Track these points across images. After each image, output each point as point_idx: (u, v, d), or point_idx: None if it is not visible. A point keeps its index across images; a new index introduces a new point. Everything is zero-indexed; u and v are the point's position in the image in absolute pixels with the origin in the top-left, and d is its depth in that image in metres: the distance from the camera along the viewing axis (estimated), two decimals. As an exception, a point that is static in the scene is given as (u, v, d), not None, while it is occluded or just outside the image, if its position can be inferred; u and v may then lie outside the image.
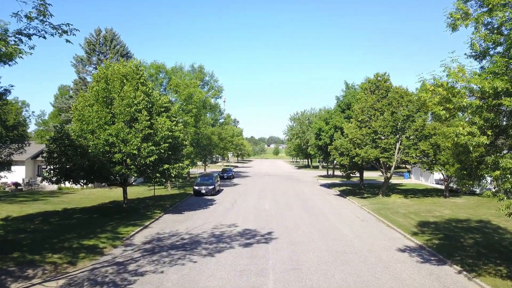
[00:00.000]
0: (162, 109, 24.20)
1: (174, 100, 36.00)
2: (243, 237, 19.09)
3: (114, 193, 34.82)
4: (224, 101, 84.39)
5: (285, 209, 27.74)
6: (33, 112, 55.73)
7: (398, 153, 31.94)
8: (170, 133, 23.13)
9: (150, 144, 22.39)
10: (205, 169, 60.94)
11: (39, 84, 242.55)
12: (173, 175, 24.18)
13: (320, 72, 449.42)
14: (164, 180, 24.09)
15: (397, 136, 31.68)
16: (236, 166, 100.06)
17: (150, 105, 23.65)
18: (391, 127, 30.96)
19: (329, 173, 62.81)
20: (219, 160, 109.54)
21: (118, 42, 39.75)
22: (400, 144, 31.44)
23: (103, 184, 32.90)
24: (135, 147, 21.85)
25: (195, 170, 65.04)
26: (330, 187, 44.56)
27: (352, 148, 31.23)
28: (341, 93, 40.78)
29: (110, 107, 23.04)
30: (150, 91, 23.93)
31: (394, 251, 17.17)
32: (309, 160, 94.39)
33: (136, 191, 36.58)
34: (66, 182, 22.94)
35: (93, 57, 39.17)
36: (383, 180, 53.53)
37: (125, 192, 25.39)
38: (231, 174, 55.34)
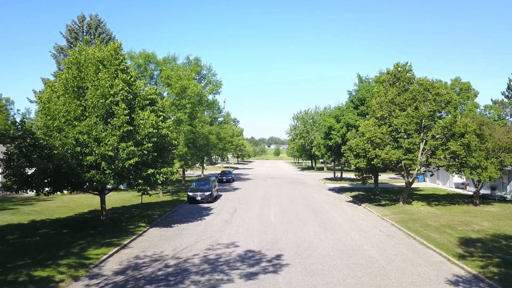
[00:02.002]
0: (147, 102, 19.96)
1: (166, 94, 31.71)
2: (245, 263, 14.85)
3: (98, 200, 30.45)
4: (224, 101, 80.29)
5: (294, 221, 23.47)
6: (18, 110, 51.49)
7: (422, 154, 27.70)
8: (155, 131, 18.89)
9: (130, 143, 18.16)
10: (202, 172, 56.67)
11: (24, 80, 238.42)
12: (160, 182, 19.93)
13: (320, 73, 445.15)
14: (148, 188, 19.85)
15: (421, 134, 27.44)
16: (236, 168, 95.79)
17: (132, 96, 19.43)
18: (415, 124, 26.72)
19: (336, 176, 58.53)
20: (218, 161, 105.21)
21: (104, 30, 35.53)
22: (425, 144, 27.17)
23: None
24: (111, 147, 17.61)
25: (191, 173, 60.69)
26: (340, 191, 40.29)
27: (371, 148, 26.97)
28: (353, 87, 36.56)
29: (81, 99, 18.80)
30: (133, 80, 19.69)
31: (443, 284, 12.95)
32: (313, 162, 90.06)
33: (123, 198, 32.32)
34: (30, 191, 18.76)
35: (75, 47, 34.99)
36: (397, 184, 49.72)
37: (103, 202, 21.14)
38: (230, 177, 50.99)
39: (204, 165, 61.80)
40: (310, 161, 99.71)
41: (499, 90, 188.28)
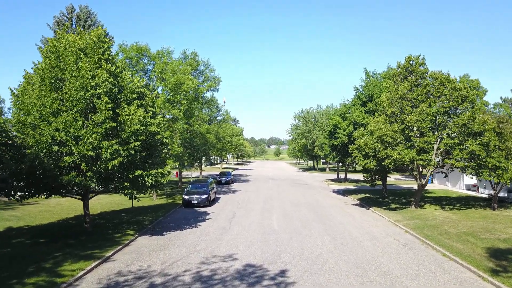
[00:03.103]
0: (135, 96, 17.78)
1: (160, 90, 29.50)
2: (244, 281, 12.66)
3: (92, 207, 28.24)
4: (224, 102, 78.07)
5: (299, 228, 21.27)
6: (9, 108, 49.25)
7: (436, 154, 25.52)
8: (143, 128, 16.70)
9: (114, 142, 15.97)
10: (200, 173, 54.42)
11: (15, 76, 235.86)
12: (149, 184, 17.74)
13: (320, 73, 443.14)
14: (135, 192, 17.67)
15: (436, 133, 25.27)
16: (236, 169, 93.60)
17: (117, 89, 17.23)
18: (429, 122, 24.55)
19: (339, 177, 56.29)
20: (218, 161, 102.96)
21: (94, 22, 33.34)
22: (440, 143, 24.97)
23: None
24: (91, 146, 15.43)
25: (188, 174, 58.39)
26: (346, 194, 38.08)
27: (381, 148, 24.77)
28: (360, 83, 34.28)
29: (59, 92, 16.62)
30: (118, 71, 17.50)
31: (482, 309, 10.78)
32: (316, 162, 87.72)
33: (113, 201, 30.13)
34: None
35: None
36: (405, 186, 47.38)
37: (86, 208, 18.94)
38: (229, 179, 48.69)
39: (203, 165, 59.62)
40: (311, 162, 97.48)
41: (509, 88, 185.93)
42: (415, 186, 46.08)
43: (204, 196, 28.37)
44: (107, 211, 26.08)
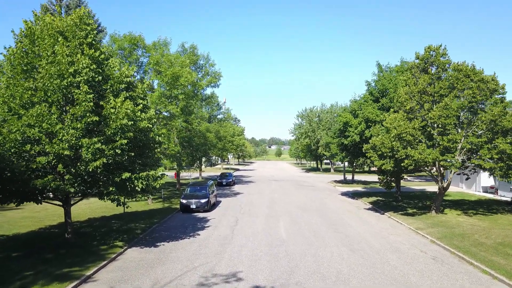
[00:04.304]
0: (122, 86, 15.35)
1: (156, 84, 26.99)
2: (252, 311, 10.19)
3: (75, 210, 25.80)
4: (224, 101, 75.59)
5: (310, 238, 18.79)
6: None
7: (460, 154, 23.03)
8: (131, 123, 14.24)
9: (97, 140, 13.52)
10: (200, 174, 51.91)
11: None
12: (139, 189, 15.28)
13: (321, 73, 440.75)
14: (122, 198, 15.24)
15: (461, 130, 22.80)
16: (237, 169, 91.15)
17: (101, 78, 14.78)
18: (455, 118, 22.08)
19: (346, 178, 53.77)
20: (218, 162, 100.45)
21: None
22: (464, 142, 22.46)
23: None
24: (67, 144, 12.98)
25: (187, 175, 55.76)
26: (355, 197, 35.56)
27: (400, 147, 22.28)
28: (372, 78, 31.73)
29: (31, 80, 14.17)
30: (103, 57, 15.04)
31: None
32: (320, 163, 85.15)
33: (105, 206, 27.58)
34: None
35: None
36: (417, 188, 44.59)
37: (68, 216, 16.49)
38: (231, 180, 46.11)
39: (203, 166, 57.18)
40: (315, 162, 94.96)
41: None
42: (429, 188, 43.80)
43: (203, 200, 25.89)
44: (96, 217, 23.63)
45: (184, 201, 25.94)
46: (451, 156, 22.05)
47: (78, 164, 13.79)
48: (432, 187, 44.14)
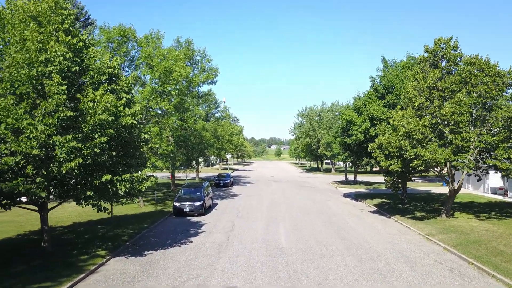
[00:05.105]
0: (104, 78, 13.73)
1: (147, 78, 25.33)
2: None
3: (61, 213, 24.20)
4: (224, 101, 74.02)
5: (313, 246, 17.14)
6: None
7: (473, 153, 21.41)
8: (111, 118, 12.61)
9: (71, 137, 11.90)
10: (197, 174, 50.23)
11: None
12: (122, 193, 13.67)
13: (321, 73, 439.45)
14: (102, 203, 13.63)
15: (475, 128, 21.20)
16: (236, 169, 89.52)
17: (78, 68, 13.16)
18: (468, 115, 20.48)
19: (348, 179, 52.14)
20: (217, 162, 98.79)
21: (74, 3, 29.20)
22: (480, 141, 20.84)
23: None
24: (36, 142, 11.36)
25: (183, 175, 54.04)
26: (358, 198, 33.94)
27: (409, 146, 20.66)
28: (377, 73, 30.04)
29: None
30: (81, 45, 13.42)
31: None
32: (321, 163, 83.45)
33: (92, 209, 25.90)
34: None
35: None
36: (422, 189, 42.78)
37: (44, 223, 14.88)
38: (228, 181, 44.36)
39: (200, 166, 55.51)
40: (315, 162, 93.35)
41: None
42: (435, 189, 42.13)
43: (198, 203, 24.25)
44: (82, 221, 22.01)
45: (177, 204, 24.32)
46: (464, 156, 20.45)
47: (51, 165, 12.16)
48: (438, 188, 42.53)
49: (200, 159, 54.56)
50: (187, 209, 23.97)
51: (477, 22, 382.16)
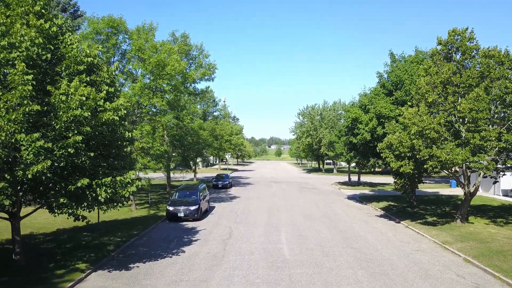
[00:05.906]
0: (81, 68, 12.01)
1: (139, 73, 23.54)
2: None
3: (45, 218, 22.43)
4: (224, 101, 72.34)
5: (319, 257, 15.40)
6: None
7: (492, 153, 19.70)
8: (88, 114, 10.90)
9: (38, 135, 10.20)
10: (195, 175, 48.51)
11: None
12: (103, 199, 11.96)
13: (321, 73, 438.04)
14: (76, 212, 11.94)
15: (495, 126, 19.50)
16: (236, 170, 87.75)
17: (51, 56, 11.46)
18: (488, 112, 18.77)
19: (351, 179, 50.42)
20: (216, 162, 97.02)
21: (61, -6, 27.57)
22: (500, 140, 19.12)
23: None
24: (-4, 141, 9.65)
25: (181, 176, 52.26)
26: (363, 201, 32.21)
27: (422, 146, 18.95)
28: (384, 68, 28.27)
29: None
30: (55, 29, 11.71)
31: None
32: (322, 163, 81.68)
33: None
34: None
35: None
36: (429, 191, 40.81)
37: (16, 233, 13.17)
38: (227, 182, 42.56)
39: (198, 166, 53.75)
40: (316, 162, 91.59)
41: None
42: (442, 191, 40.34)
43: (193, 208, 22.51)
44: (67, 227, 20.25)
45: (171, 208, 22.59)
46: (483, 156, 18.74)
47: (16, 168, 10.45)
48: (445, 190, 40.83)
49: (198, 160, 52.87)
50: (181, 214, 22.25)
51: (485, 15, 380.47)
